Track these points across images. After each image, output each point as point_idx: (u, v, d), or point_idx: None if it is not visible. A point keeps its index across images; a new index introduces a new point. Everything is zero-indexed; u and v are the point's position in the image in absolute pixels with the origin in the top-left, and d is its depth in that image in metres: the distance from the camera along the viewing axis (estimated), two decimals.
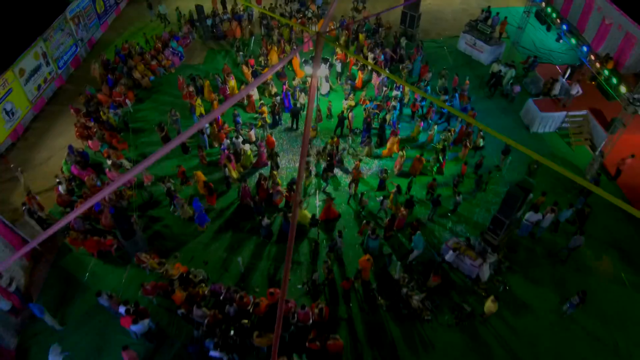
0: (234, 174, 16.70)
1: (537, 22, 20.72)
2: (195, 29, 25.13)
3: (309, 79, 19.71)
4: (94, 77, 21.22)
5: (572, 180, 5.08)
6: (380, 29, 24.79)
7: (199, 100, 19.29)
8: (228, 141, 17.39)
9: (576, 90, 18.34)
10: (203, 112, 19.38)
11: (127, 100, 19.57)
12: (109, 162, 16.53)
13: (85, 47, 23.46)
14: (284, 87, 19.88)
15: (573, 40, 17.89)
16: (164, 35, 23.70)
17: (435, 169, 16.87)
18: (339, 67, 21.12)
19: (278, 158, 16.85)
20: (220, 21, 25.13)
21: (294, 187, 15.42)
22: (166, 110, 19.93)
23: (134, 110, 19.95)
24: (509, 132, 18.89)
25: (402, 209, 14.43)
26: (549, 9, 18.90)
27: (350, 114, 18.74)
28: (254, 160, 17.11)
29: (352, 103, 19.98)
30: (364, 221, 14.27)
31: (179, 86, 20.35)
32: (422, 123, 18.39)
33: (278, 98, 19.75)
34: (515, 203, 12.88)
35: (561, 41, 19.96)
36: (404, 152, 16.42)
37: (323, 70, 18.17)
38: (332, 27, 25.39)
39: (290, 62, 22.65)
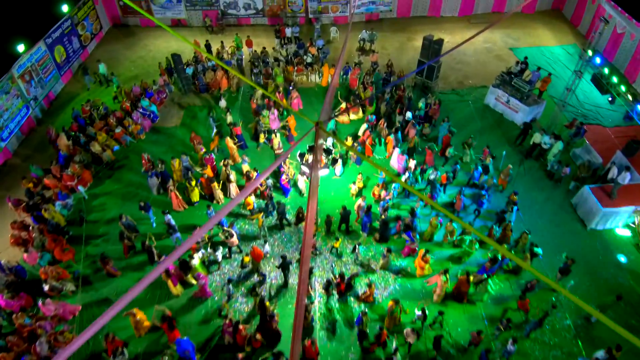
0: (175, 290, 12.97)
1: (594, 87, 16.68)
2: (173, 80, 21.24)
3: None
4: (51, 147, 17.40)
5: None
6: (391, 78, 20.85)
7: (193, 185, 15.54)
8: (203, 253, 13.51)
9: (627, 178, 14.45)
10: (197, 196, 15.63)
11: (79, 187, 15.71)
12: (46, 287, 12.71)
13: (40, 105, 19.62)
14: (282, 169, 15.95)
15: None
16: (135, 89, 19.83)
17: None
18: (339, 166, 16.80)
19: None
20: (203, 70, 21.28)
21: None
22: (131, 194, 16.25)
23: (89, 196, 16.09)
24: (559, 227, 15.01)
25: None
26: (614, 78, 14.88)
27: (358, 203, 14.90)
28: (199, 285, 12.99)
29: (361, 185, 16.12)
30: None
31: (144, 166, 16.45)
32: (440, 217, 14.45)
33: (269, 181, 15.89)
34: None
35: (627, 120, 15.91)
36: (447, 276, 12.46)
37: (324, 170, 14.27)
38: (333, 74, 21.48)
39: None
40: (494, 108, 19.71)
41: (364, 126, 17.65)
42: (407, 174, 15.43)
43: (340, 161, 16.78)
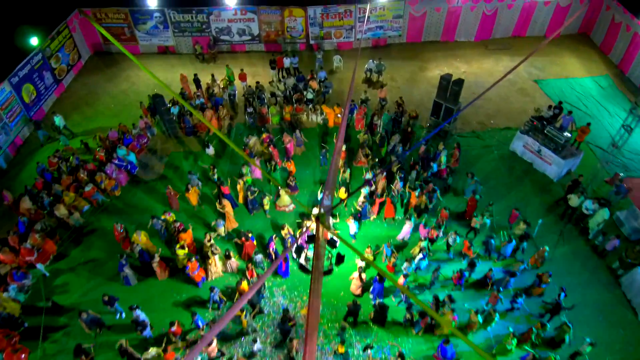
0: None
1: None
2: (156, 121, 18.84)
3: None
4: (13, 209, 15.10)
5: None
6: (402, 118, 18.40)
7: (180, 246, 13.27)
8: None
9: None
10: (181, 256, 13.27)
11: (39, 265, 13.34)
12: None
13: (5, 154, 17.27)
14: (271, 245, 13.52)
15: None
16: (111, 134, 17.41)
17: None
18: (353, 225, 14.32)
19: None
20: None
21: None
22: (101, 269, 13.89)
23: (51, 272, 13.71)
24: (605, 315, 12.56)
25: None
26: None
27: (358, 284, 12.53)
28: None
29: (370, 258, 13.69)
30: None
31: (117, 237, 14.09)
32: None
33: (259, 257, 13.49)
34: None
35: None
36: None
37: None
38: (339, 113, 18.99)
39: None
40: (522, 156, 17.18)
41: (363, 192, 15.01)
42: (422, 254, 12.96)
43: (352, 220, 14.34)
